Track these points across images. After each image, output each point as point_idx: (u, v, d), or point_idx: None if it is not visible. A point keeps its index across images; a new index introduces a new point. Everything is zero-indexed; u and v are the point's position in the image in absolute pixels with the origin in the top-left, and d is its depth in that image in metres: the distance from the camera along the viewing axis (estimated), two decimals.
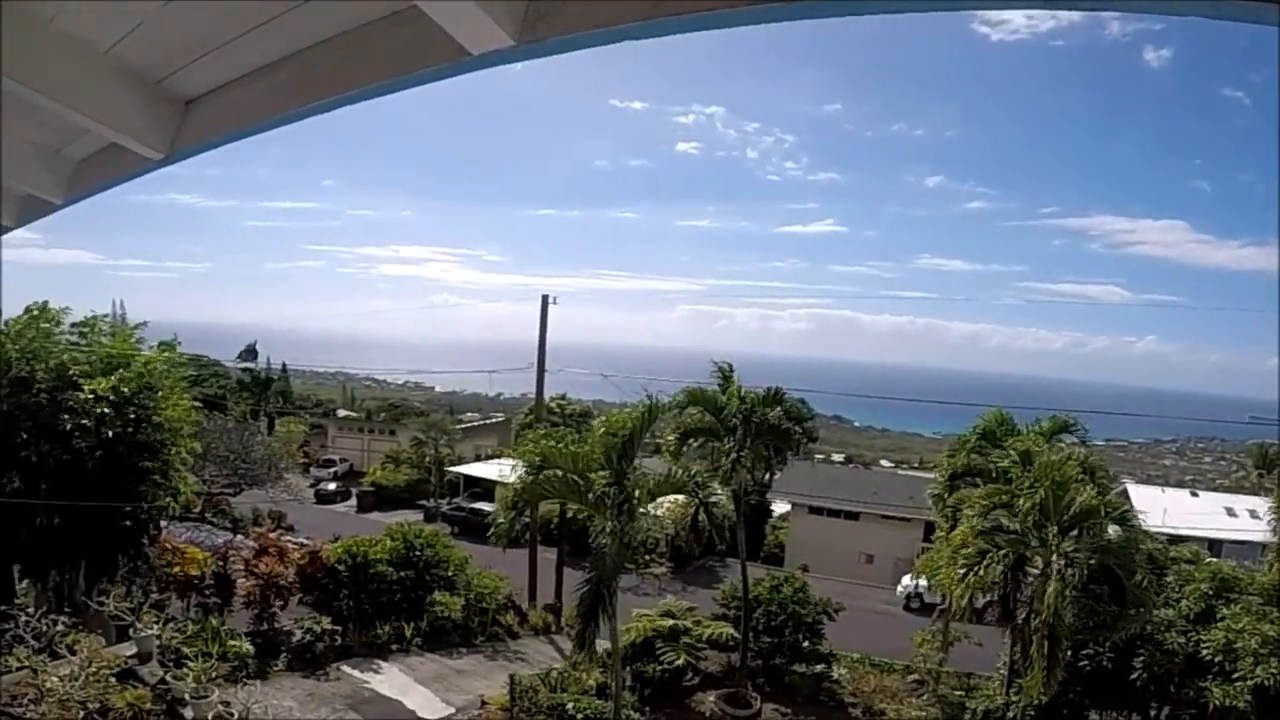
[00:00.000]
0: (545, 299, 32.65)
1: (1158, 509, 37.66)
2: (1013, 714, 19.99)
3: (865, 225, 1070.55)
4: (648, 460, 20.46)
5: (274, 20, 4.15)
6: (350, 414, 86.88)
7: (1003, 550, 17.90)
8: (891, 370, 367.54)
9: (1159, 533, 25.77)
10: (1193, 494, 50.81)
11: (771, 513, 52.06)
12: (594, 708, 19.01)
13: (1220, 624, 18.48)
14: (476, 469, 55.70)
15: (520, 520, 18.99)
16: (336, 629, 22.00)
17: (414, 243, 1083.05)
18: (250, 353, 78.46)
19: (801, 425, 25.10)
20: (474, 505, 49.02)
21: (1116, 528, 18.31)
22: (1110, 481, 23.49)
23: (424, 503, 54.50)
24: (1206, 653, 18.08)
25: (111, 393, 16.60)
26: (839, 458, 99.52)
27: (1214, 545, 36.01)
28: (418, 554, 24.71)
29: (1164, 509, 38.45)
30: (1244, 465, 67.03)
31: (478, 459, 61.44)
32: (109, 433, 16.62)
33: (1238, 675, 17.33)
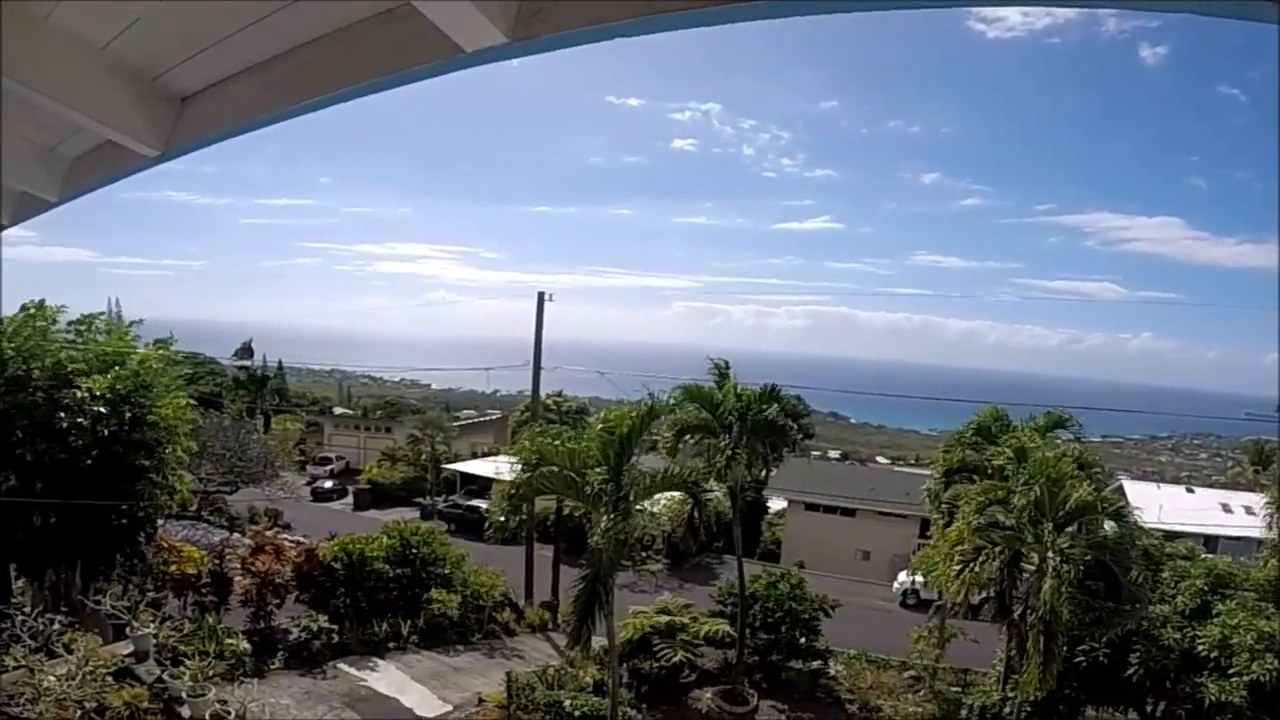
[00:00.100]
0: (541, 296, 32.61)
1: (1154, 505, 37.69)
2: (1009, 710, 20.03)
3: (861, 222, 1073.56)
4: (644, 457, 20.44)
5: (269, 17, 4.15)
6: (346, 412, 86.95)
7: (998, 546, 17.91)
8: (887, 367, 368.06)
9: (1155, 529, 25.78)
10: (1189, 490, 50.81)
11: (768, 509, 52.21)
12: (591, 705, 19.02)
13: (1216, 620, 18.49)
14: (473, 466, 55.69)
15: (516, 517, 18.95)
16: (333, 627, 21.95)
17: (410, 240, 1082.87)
18: (246, 351, 78.38)
19: (798, 422, 25.20)
20: (470, 503, 49.09)
21: (1112, 524, 18.32)
22: (1106, 478, 23.58)
23: (420, 500, 54.58)
24: (1202, 648, 18.11)
25: (107, 391, 16.62)
26: (835, 454, 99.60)
27: (1210, 541, 36.10)
28: (414, 552, 24.69)
29: (1160, 505, 38.47)
30: (1240, 461, 67.12)
31: (474, 456, 61.46)
32: (105, 431, 16.64)
33: (1233, 671, 17.36)
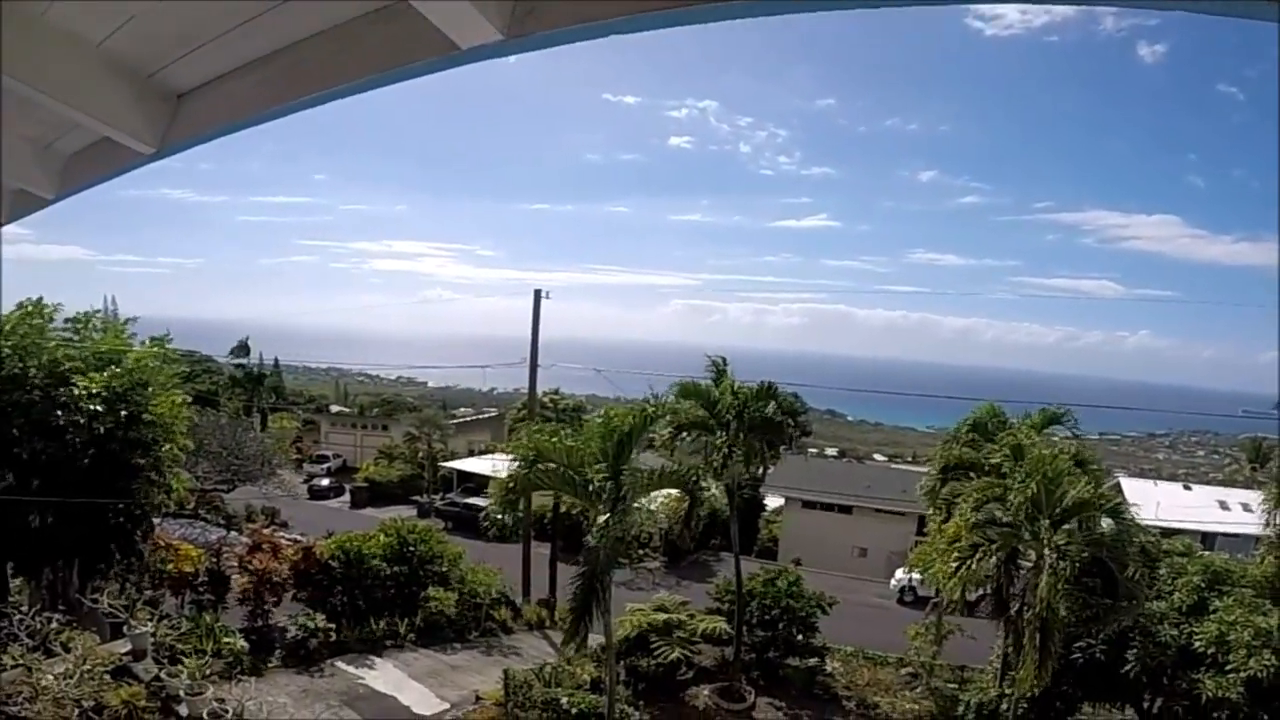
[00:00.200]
0: (538, 294, 32.57)
1: (1151, 502, 37.79)
2: (1006, 706, 20.05)
3: (859, 220, 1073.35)
4: (641, 454, 20.45)
5: (265, 14, 4.15)
6: (343, 410, 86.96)
7: (995, 544, 17.95)
8: (884, 365, 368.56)
9: (1152, 526, 25.78)
10: (1186, 487, 50.80)
11: (765, 507, 52.23)
12: (588, 702, 19.03)
13: (1213, 616, 18.47)
14: (470, 464, 55.66)
15: (512, 513, 18.95)
16: (331, 625, 21.93)
17: (407, 237, 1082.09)
18: (243, 348, 78.08)
19: (795, 419, 25.11)
20: (468, 500, 49.06)
21: (1109, 521, 18.34)
22: (1103, 474, 23.61)
23: (417, 498, 54.52)
24: (1199, 645, 18.09)
25: (103, 389, 16.59)
26: (832, 452, 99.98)
27: (1207, 538, 36.05)
28: (411, 549, 24.70)
29: (1157, 502, 38.56)
30: (1237, 459, 67.33)
31: (471, 454, 61.43)
32: (101, 429, 16.62)
33: (1230, 667, 17.35)
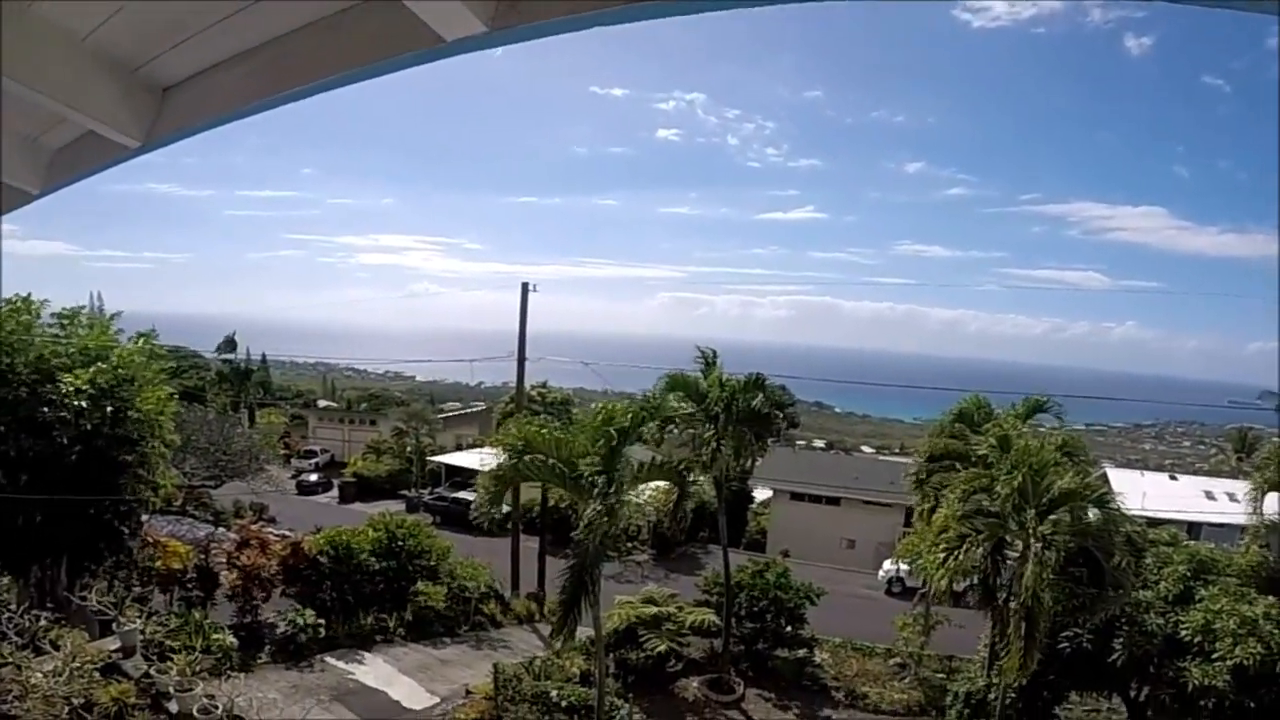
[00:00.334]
0: (525, 287, 32.46)
1: (1137, 492, 37.92)
2: (994, 695, 20.16)
3: (846, 211, 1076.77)
4: (628, 447, 20.46)
5: (250, 7, 4.14)
6: (331, 404, 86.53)
7: (982, 534, 18.03)
8: (872, 356, 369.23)
9: (1138, 516, 25.92)
10: (1172, 477, 51.13)
11: (753, 499, 52.23)
12: (578, 695, 19.09)
13: (1199, 605, 18.57)
14: (458, 458, 55.53)
15: (498, 508, 18.88)
16: (320, 620, 21.93)
17: (394, 231, 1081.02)
18: (229, 344, 77.58)
19: (783, 411, 25.24)
20: (456, 495, 48.92)
21: (1096, 511, 18.44)
22: (1089, 464, 23.71)
23: (406, 493, 54.36)
24: (1185, 633, 18.19)
25: (89, 385, 16.50)
26: (820, 444, 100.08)
27: (1193, 528, 36.29)
28: (400, 544, 24.70)
29: (1143, 492, 38.73)
30: (1223, 449, 67.44)
31: (459, 448, 61.27)
32: (88, 425, 16.55)
33: (1216, 655, 17.43)
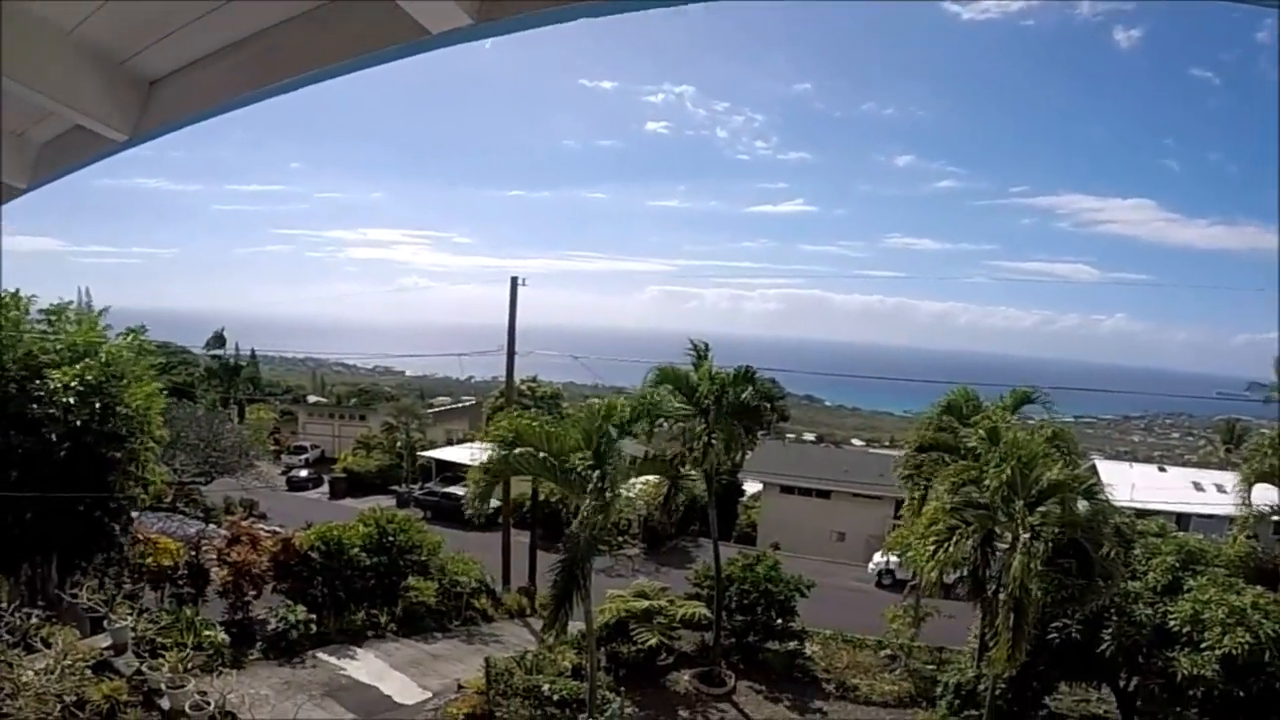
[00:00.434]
0: (514, 281, 32.31)
1: (1126, 484, 38.33)
2: (984, 686, 20.27)
3: (835, 204, 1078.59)
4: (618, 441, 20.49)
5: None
6: (320, 400, 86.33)
7: (972, 526, 18.10)
8: (861, 349, 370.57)
9: (1127, 507, 26.16)
10: (1160, 469, 51.38)
11: (744, 492, 52.40)
12: (569, 689, 19.10)
13: (1187, 595, 18.65)
14: (448, 453, 55.64)
15: (486, 503, 18.83)
16: (311, 616, 21.86)
17: (383, 225, 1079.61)
18: (218, 339, 77.31)
19: (773, 404, 25.26)
20: (446, 489, 48.93)
21: (1084, 502, 18.51)
22: (1078, 456, 23.82)
23: (396, 488, 54.44)
24: (1174, 623, 18.27)
25: (78, 381, 16.42)
26: (810, 437, 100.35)
27: (1181, 519, 36.54)
28: (391, 539, 24.65)
29: (1132, 484, 39.06)
30: (1211, 440, 68.01)
31: (449, 443, 61.36)
32: (77, 422, 16.48)
33: (1205, 645, 17.51)
